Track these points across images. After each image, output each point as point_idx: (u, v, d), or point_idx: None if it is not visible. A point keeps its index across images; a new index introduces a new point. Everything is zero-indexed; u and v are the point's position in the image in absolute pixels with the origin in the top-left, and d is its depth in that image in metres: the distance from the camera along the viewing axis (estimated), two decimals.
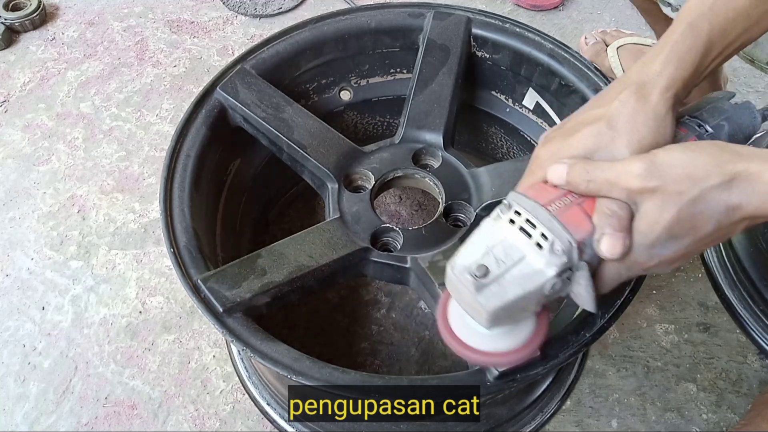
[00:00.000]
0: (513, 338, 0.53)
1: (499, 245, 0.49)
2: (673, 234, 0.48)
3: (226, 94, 0.79)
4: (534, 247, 0.48)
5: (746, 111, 0.59)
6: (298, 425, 0.88)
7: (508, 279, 0.48)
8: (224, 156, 0.83)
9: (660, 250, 0.49)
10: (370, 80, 0.95)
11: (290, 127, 0.79)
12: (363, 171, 0.78)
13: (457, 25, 0.85)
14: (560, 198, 0.50)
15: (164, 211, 0.70)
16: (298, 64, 0.87)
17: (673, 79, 0.52)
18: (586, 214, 0.49)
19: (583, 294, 0.50)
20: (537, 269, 0.48)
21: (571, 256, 0.48)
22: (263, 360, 0.60)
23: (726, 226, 0.48)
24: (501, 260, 0.48)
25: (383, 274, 0.73)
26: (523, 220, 0.49)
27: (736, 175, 0.46)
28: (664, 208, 0.47)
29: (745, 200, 0.46)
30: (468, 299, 0.49)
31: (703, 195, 0.46)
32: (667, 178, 0.46)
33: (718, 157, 0.46)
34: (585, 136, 0.52)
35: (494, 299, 0.47)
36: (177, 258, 0.67)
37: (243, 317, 0.64)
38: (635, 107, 0.51)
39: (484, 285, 0.47)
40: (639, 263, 0.50)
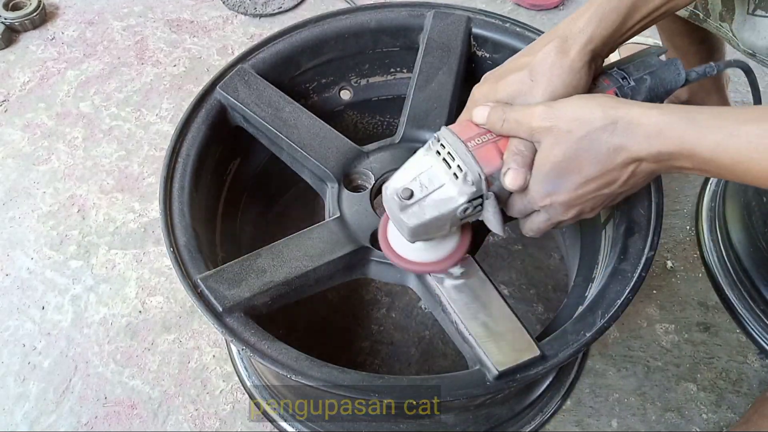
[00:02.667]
0: (439, 251, 0.63)
1: (426, 173, 0.57)
2: (561, 170, 0.54)
3: (226, 93, 0.79)
4: (451, 176, 0.56)
5: (672, 67, 0.63)
6: (298, 425, 0.88)
7: (427, 202, 0.57)
8: (224, 155, 0.83)
9: (551, 187, 0.55)
10: (370, 80, 0.95)
11: (290, 126, 0.78)
12: (363, 170, 0.78)
13: (458, 25, 0.85)
14: (480, 136, 0.58)
15: (164, 210, 0.70)
16: (298, 64, 0.87)
17: (592, 36, 0.57)
18: (499, 151, 0.57)
19: (491, 219, 0.58)
20: (451, 196, 0.56)
21: (480, 187, 0.56)
22: (262, 359, 0.60)
23: (610, 170, 0.53)
24: (424, 186, 0.57)
25: (383, 273, 0.73)
26: (446, 153, 0.57)
27: (618, 118, 0.51)
28: (555, 144, 0.54)
29: (626, 141, 0.51)
30: (395, 216, 0.58)
31: (588, 134, 0.52)
32: (561, 120, 0.53)
33: (604, 105, 0.52)
34: (509, 83, 0.59)
35: (414, 218, 0.56)
36: (176, 257, 0.67)
37: (242, 317, 0.64)
38: (554, 60, 0.57)
39: (407, 206, 0.57)
40: (535, 198, 0.57)
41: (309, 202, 1.13)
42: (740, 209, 1.01)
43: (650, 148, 0.51)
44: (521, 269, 1.05)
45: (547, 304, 1.02)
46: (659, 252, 1.08)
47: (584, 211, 0.58)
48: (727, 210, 1.05)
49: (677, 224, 1.12)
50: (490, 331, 0.62)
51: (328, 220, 0.73)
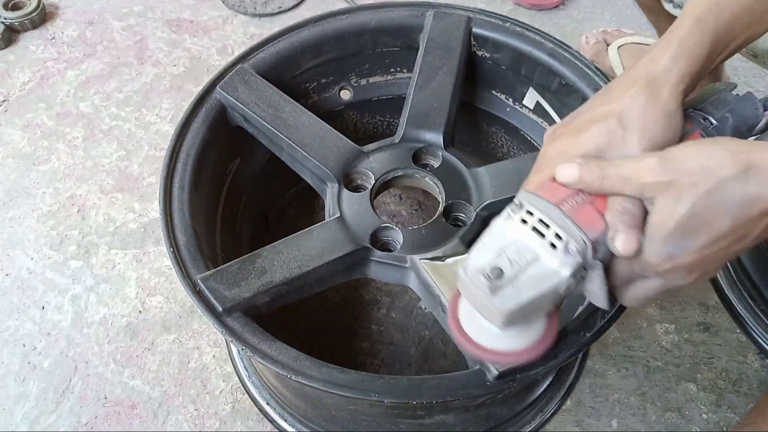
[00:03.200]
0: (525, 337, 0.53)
1: (512, 246, 0.48)
2: (687, 229, 0.46)
3: (226, 93, 0.79)
4: (548, 247, 0.48)
5: (749, 102, 0.58)
6: (298, 425, 0.88)
7: (522, 280, 0.47)
8: (224, 155, 0.83)
9: (673, 250, 0.48)
10: (370, 79, 0.95)
11: (290, 126, 0.78)
12: (363, 170, 0.78)
13: (458, 25, 0.85)
14: (572, 197, 0.49)
15: (164, 210, 0.70)
16: (298, 64, 0.87)
17: (682, 74, 0.51)
18: (599, 212, 0.49)
19: (597, 292, 0.50)
20: (552, 270, 0.47)
21: (586, 256, 0.48)
22: (262, 359, 0.60)
23: (744, 224, 0.46)
24: (515, 261, 0.48)
25: (383, 273, 0.73)
26: (536, 220, 0.48)
27: (751, 165, 0.44)
28: (679, 201, 0.46)
29: (763, 191, 0.44)
30: (483, 301, 0.49)
31: (718, 186, 0.45)
32: (682, 171, 0.45)
33: (732, 149, 0.45)
34: (595, 134, 0.51)
35: (509, 301, 0.47)
36: (176, 257, 0.67)
37: (242, 317, 0.64)
38: (646, 104, 0.50)
39: (499, 287, 0.47)
40: (651, 263, 0.49)
41: (309, 202, 1.13)
42: None
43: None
44: None
45: None
46: None
47: (708, 272, 0.50)
48: None
49: None
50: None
51: (328, 220, 0.73)
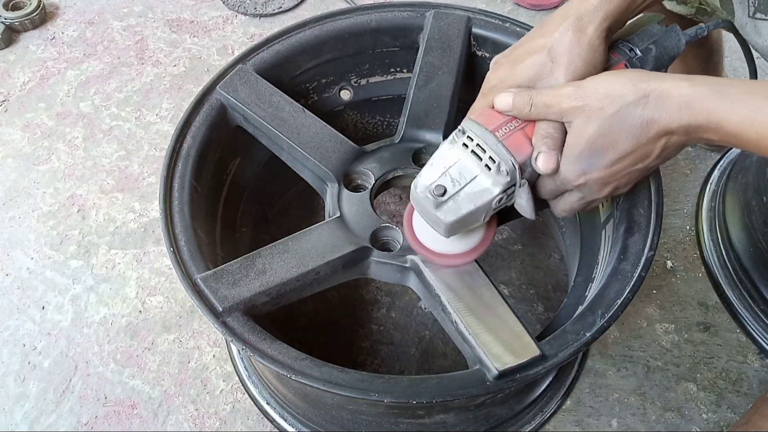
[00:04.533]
0: (466, 242, 0.65)
1: (455, 167, 0.57)
2: (595, 147, 0.54)
3: (226, 93, 0.79)
4: (484, 168, 0.56)
5: (672, 34, 0.64)
6: (298, 425, 0.88)
7: (462, 196, 0.57)
8: (224, 155, 0.83)
9: (585, 166, 0.55)
10: (370, 79, 0.95)
11: (290, 126, 0.78)
12: (363, 170, 0.78)
13: (458, 25, 0.85)
14: (506, 124, 0.57)
15: (164, 210, 0.70)
16: (298, 64, 0.87)
17: (607, 13, 0.57)
18: (527, 137, 0.57)
19: (524, 206, 0.59)
20: (486, 187, 0.57)
21: (514, 176, 0.56)
22: (262, 359, 0.60)
23: (643, 143, 0.53)
24: (456, 180, 0.57)
25: (383, 273, 0.73)
26: (475, 145, 0.57)
27: (650, 92, 0.52)
28: (588, 122, 0.54)
29: (658, 114, 0.52)
30: (429, 214, 0.58)
31: (621, 110, 0.52)
32: (591, 97, 0.53)
33: (635, 79, 0.53)
34: (529, 66, 0.59)
35: (451, 214, 0.57)
36: (177, 257, 0.67)
37: (242, 316, 0.64)
38: (573, 39, 0.57)
39: (442, 202, 0.57)
40: (569, 178, 0.57)
41: (309, 202, 1.13)
42: (740, 209, 1.01)
43: (680, 120, 0.51)
44: (521, 269, 1.05)
45: (546, 303, 1.02)
46: (659, 252, 1.08)
47: (619, 187, 0.58)
48: (727, 210, 1.05)
49: (677, 224, 1.12)
50: (489, 331, 0.62)
51: (328, 219, 0.73)
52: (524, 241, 1.07)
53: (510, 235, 1.08)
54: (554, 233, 1.06)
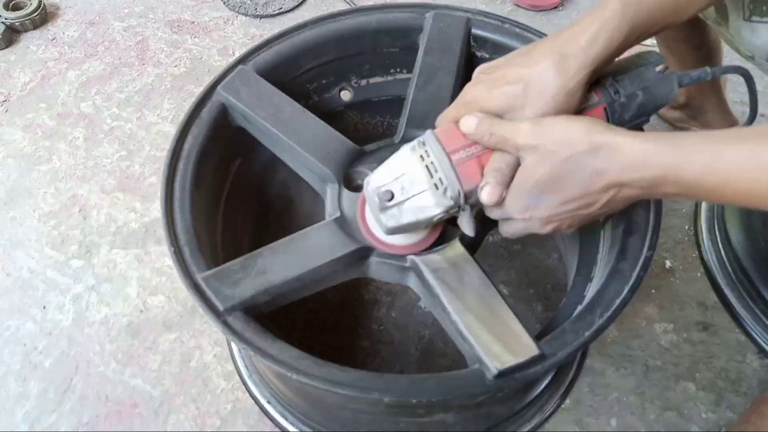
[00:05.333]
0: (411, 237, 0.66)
1: (407, 176, 0.59)
2: (543, 188, 0.55)
3: (227, 94, 0.79)
4: (431, 186, 0.58)
5: (666, 83, 0.62)
6: (299, 424, 0.88)
7: (406, 206, 0.59)
8: (225, 155, 0.83)
9: (531, 203, 0.57)
10: (370, 80, 0.95)
11: (290, 126, 0.79)
12: (363, 170, 0.78)
13: (457, 26, 0.86)
14: (464, 148, 0.59)
15: (165, 210, 0.70)
16: (299, 64, 0.87)
17: (594, 57, 0.57)
18: (481, 167, 0.59)
19: (465, 225, 0.62)
20: (428, 205, 0.59)
21: (458, 201, 0.59)
22: (263, 358, 0.60)
23: (590, 192, 0.54)
24: (405, 189, 0.59)
25: (383, 273, 0.73)
26: (429, 162, 0.59)
27: (602, 144, 0.52)
28: (539, 164, 0.55)
29: (608, 166, 0.52)
30: (374, 213, 0.61)
31: (572, 157, 0.53)
32: (546, 139, 0.54)
33: (590, 129, 0.53)
34: (503, 95, 0.59)
35: (392, 220, 0.60)
36: (178, 256, 0.67)
37: (243, 316, 0.64)
38: (551, 79, 0.57)
39: (387, 207, 0.59)
40: (514, 211, 0.58)
41: (309, 202, 1.13)
42: (739, 209, 1.01)
43: (633, 174, 0.51)
44: (520, 269, 1.05)
45: (546, 303, 1.02)
46: (658, 252, 1.08)
47: (561, 227, 0.59)
48: (726, 210, 1.05)
49: (676, 224, 1.12)
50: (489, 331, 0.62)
51: (329, 219, 0.74)
52: (524, 241, 1.08)
53: None
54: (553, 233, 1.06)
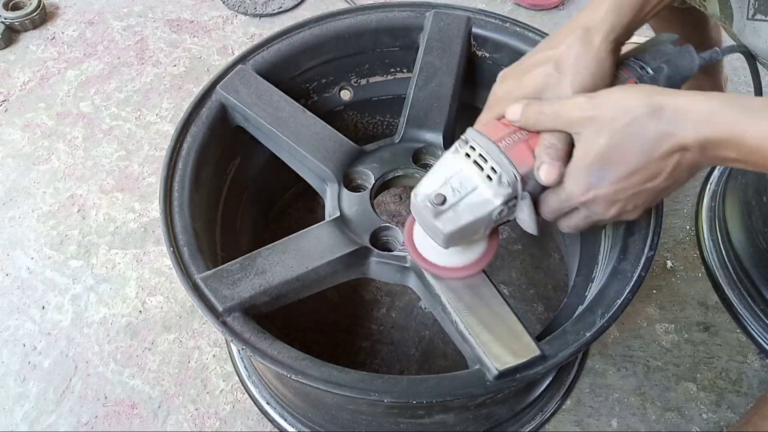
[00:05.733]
0: (468, 255, 0.63)
1: (456, 176, 0.56)
2: (605, 161, 0.52)
3: (226, 93, 0.79)
4: (485, 178, 0.55)
5: (686, 54, 0.63)
6: (298, 425, 0.88)
7: (462, 206, 0.55)
8: (224, 155, 0.83)
9: (594, 180, 0.53)
10: (370, 79, 0.95)
11: (290, 126, 0.79)
12: (363, 170, 0.78)
13: (458, 25, 0.85)
14: (510, 135, 0.56)
15: (164, 210, 0.70)
16: (299, 64, 0.87)
17: (614, 25, 0.57)
18: (531, 149, 0.55)
19: (526, 220, 0.57)
20: (486, 198, 0.55)
21: (516, 187, 0.55)
22: (262, 359, 0.60)
23: (656, 159, 0.51)
24: (457, 190, 0.56)
25: (383, 273, 0.73)
26: (477, 155, 0.56)
27: (664, 105, 0.50)
28: (599, 134, 0.52)
29: (673, 127, 0.49)
30: (428, 223, 0.57)
31: (634, 121, 0.50)
32: (603, 108, 0.52)
33: (649, 92, 0.51)
34: (535, 77, 0.58)
35: (450, 224, 0.55)
36: (177, 257, 0.67)
37: (242, 316, 0.64)
38: (579, 51, 0.56)
39: (442, 211, 0.55)
40: (575, 193, 0.54)
41: (309, 202, 1.13)
42: (740, 209, 1.01)
43: (697, 135, 0.49)
44: (521, 269, 1.05)
45: (547, 303, 1.02)
46: (659, 252, 1.08)
47: (626, 209, 0.55)
48: (727, 210, 1.05)
49: (677, 224, 1.12)
50: (489, 331, 0.62)
51: (328, 219, 0.73)
52: (524, 241, 1.07)
53: (510, 235, 1.08)
54: (554, 233, 1.06)
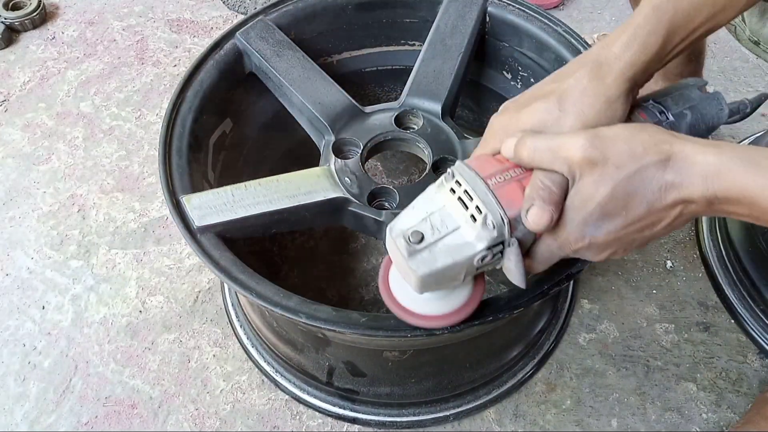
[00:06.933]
0: (447, 303, 0.55)
1: (438, 213, 0.50)
2: (606, 211, 0.47)
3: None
4: (468, 218, 0.49)
5: (713, 102, 0.58)
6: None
7: (440, 247, 0.49)
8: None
9: (592, 230, 0.49)
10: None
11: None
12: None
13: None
14: (502, 172, 0.50)
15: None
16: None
17: (631, 63, 0.52)
18: (522, 189, 0.49)
19: (512, 269, 0.50)
20: (468, 241, 0.49)
21: (502, 232, 0.49)
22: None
23: (657, 210, 0.47)
24: (437, 228, 0.49)
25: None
26: (462, 191, 0.50)
27: (672, 154, 0.46)
28: (601, 182, 0.47)
29: (678, 179, 0.46)
30: (401, 263, 0.50)
31: (640, 171, 0.46)
32: (609, 152, 0.46)
33: (657, 137, 0.47)
34: (535, 111, 0.53)
35: (424, 266, 0.48)
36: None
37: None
38: (587, 87, 0.52)
39: (417, 251, 0.49)
40: (569, 242, 0.50)
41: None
42: None
43: (705, 191, 0.45)
44: None
45: None
46: (659, 252, 1.09)
47: (617, 253, 0.52)
48: None
49: None
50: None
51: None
52: None
53: None
54: None
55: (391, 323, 0.60)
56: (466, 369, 0.87)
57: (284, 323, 0.83)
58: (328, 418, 0.91)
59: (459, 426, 0.91)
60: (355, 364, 0.83)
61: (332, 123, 0.80)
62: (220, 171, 0.84)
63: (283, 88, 0.83)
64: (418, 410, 0.89)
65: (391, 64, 1.00)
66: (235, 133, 0.88)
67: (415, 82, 0.84)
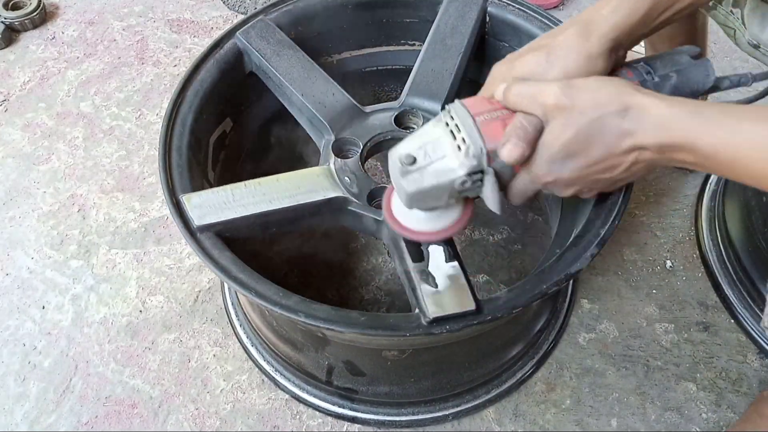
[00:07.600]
0: (438, 222, 0.64)
1: (432, 143, 0.58)
2: (569, 152, 0.55)
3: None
4: (455, 148, 0.57)
5: (701, 68, 0.62)
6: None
7: (429, 170, 0.57)
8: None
9: (557, 167, 0.56)
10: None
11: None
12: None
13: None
14: (490, 112, 0.58)
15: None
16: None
17: (616, 24, 0.57)
18: (505, 127, 0.57)
19: (489, 196, 0.58)
20: (451, 167, 0.57)
21: (481, 161, 0.56)
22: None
23: (615, 155, 0.54)
24: (428, 154, 0.57)
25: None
26: (453, 125, 0.58)
27: (632, 105, 0.52)
28: (567, 126, 0.54)
29: (635, 127, 0.52)
30: (396, 180, 0.59)
31: (601, 118, 0.52)
32: (576, 100, 0.53)
33: (620, 89, 0.53)
34: (527, 62, 0.60)
35: (413, 184, 0.57)
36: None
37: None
38: (573, 43, 0.58)
39: (408, 171, 0.57)
40: (539, 176, 0.57)
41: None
42: (740, 209, 1.01)
43: (655, 138, 0.51)
44: (521, 269, 1.05)
45: None
46: (659, 252, 1.09)
47: (582, 191, 0.59)
48: (727, 209, 1.05)
49: (677, 224, 1.12)
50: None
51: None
52: (524, 241, 1.07)
53: (510, 235, 1.09)
54: (543, 206, 1.07)
55: (390, 322, 0.61)
56: (465, 368, 0.88)
57: (284, 323, 0.83)
58: (328, 418, 0.91)
59: (458, 425, 0.91)
60: (355, 364, 0.83)
61: (332, 122, 0.80)
62: (220, 170, 0.85)
63: (283, 88, 0.83)
64: (418, 409, 0.89)
65: (391, 64, 1.00)
66: (235, 132, 0.88)
67: (415, 81, 0.84)
